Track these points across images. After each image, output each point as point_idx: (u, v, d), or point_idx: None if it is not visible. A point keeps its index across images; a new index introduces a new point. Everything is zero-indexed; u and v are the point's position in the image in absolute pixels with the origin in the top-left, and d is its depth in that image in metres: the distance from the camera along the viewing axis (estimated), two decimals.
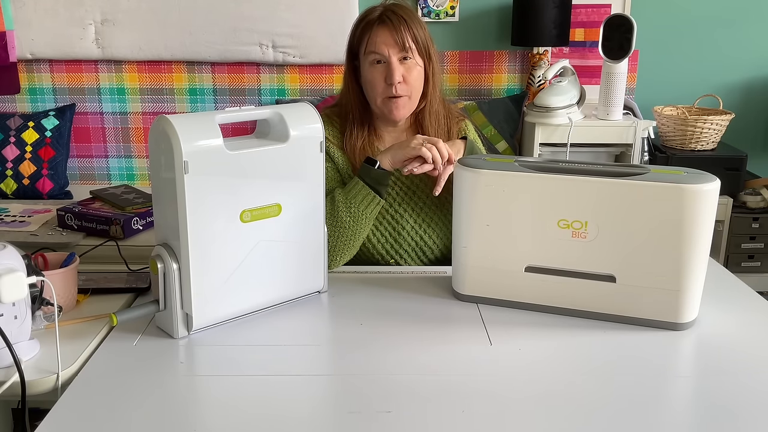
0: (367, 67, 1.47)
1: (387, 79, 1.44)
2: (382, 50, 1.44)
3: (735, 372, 1.03)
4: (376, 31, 1.44)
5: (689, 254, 1.11)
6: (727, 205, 2.66)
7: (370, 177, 1.39)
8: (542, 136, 2.66)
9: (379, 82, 1.45)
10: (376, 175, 1.39)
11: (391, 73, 1.43)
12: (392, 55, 1.44)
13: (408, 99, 1.48)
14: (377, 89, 1.46)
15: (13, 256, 1.01)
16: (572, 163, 1.18)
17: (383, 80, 1.45)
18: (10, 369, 1.01)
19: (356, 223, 1.38)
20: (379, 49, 1.44)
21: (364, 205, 1.38)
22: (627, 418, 0.92)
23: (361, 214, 1.38)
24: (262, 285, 1.20)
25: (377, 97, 1.47)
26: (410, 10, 1.49)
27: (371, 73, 1.46)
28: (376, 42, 1.44)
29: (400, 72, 1.44)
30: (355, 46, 1.50)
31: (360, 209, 1.38)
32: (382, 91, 1.46)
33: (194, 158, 1.05)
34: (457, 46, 2.92)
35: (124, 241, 1.75)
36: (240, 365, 1.05)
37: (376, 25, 1.45)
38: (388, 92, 1.45)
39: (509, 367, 1.05)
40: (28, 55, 2.84)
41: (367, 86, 1.48)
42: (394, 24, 1.44)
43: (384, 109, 1.48)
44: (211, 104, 2.96)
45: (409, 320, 1.20)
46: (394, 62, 1.44)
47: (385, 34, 1.44)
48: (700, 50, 2.95)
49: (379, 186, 1.40)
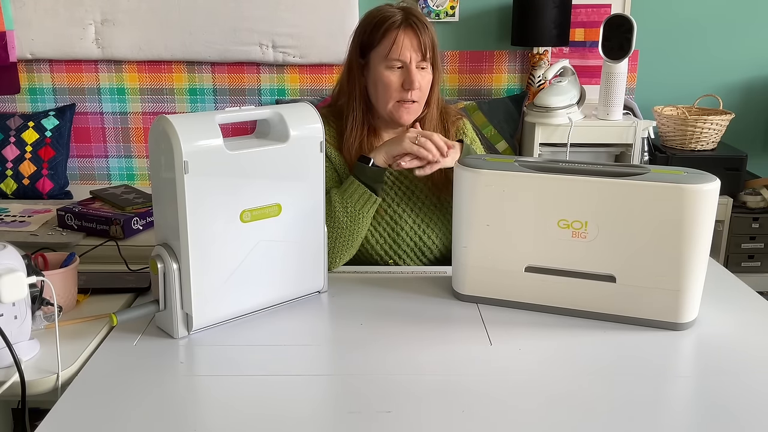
0: (381, 69, 1.45)
1: (405, 84, 1.44)
2: (405, 55, 1.43)
3: (735, 372, 1.03)
4: (402, 34, 1.43)
5: (689, 254, 1.11)
6: (727, 205, 2.66)
7: (365, 175, 1.39)
8: (542, 136, 2.66)
9: (395, 86, 1.44)
10: (371, 173, 1.39)
11: (411, 80, 1.43)
12: (413, 60, 1.44)
13: (418, 105, 1.48)
14: (391, 92, 1.45)
15: (13, 256, 1.01)
16: (572, 163, 1.18)
17: (400, 84, 1.44)
18: (10, 369, 1.01)
19: (353, 222, 1.38)
20: (403, 55, 1.43)
21: (360, 204, 1.38)
22: (627, 418, 0.92)
23: (357, 213, 1.38)
24: (262, 285, 1.20)
25: (390, 100, 1.46)
26: (424, 15, 1.50)
27: (387, 76, 1.44)
28: (401, 46, 1.43)
29: (419, 79, 1.44)
30: (368, 44, 1.48)
31: (356, 208, 1.38)
32: (397, 94, 1.45)
33: (194, 158, 1.05)
34: (457, 46, 2.92)
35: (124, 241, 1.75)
36: (240, 365, 1.05)
37: (402, 28, 1.43)
38: (404, 96, 1.45)
39: (509, 367, 1.05)
40: (28, 55, 2.84)
41: (379, 87, 1.46)
42: (420, 30, 1.43)
43: (394, 113, 1.47)
44: (211, 104, 2.96)
45: (409, 320, 1.20)
46: (413, 69, 1.44)
47: (410, 39, 1.43)
48: (700, 50, 2.95)
49: (375, 184, 1.40)
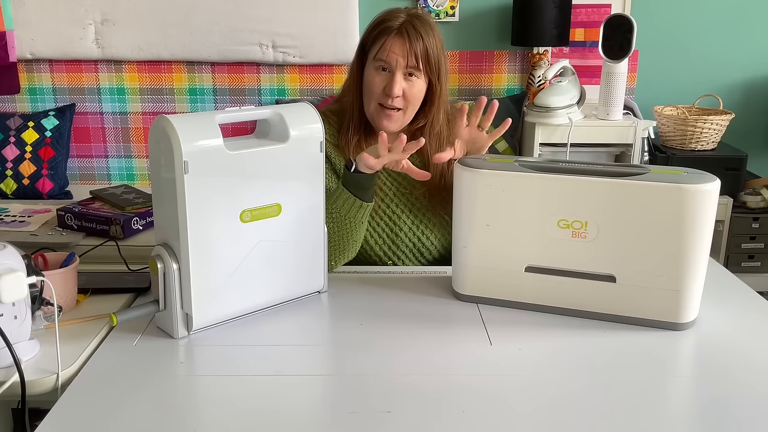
0: (371, 70, 1.46)
1: (386, 89, 1.43)
2: (391, 60, 1.42)
3: (735, 372, 1.03)
4: (391, 39, 1.42)
5: (689, 254, 1.10)
6: (727, 205, 2.66)
7: (349, 182, 1.34)
8: (542, 136, 2.66)
9: (377, 88, 1.44)
10: (354, 179, 1.34)
11: (391, 86, 1.42)
12: (399, 68, 1.42)
13: (402, 114, 1.46)
14: (373, 94, 1.45)
15: (13, 256, 1.01)
16: (572, 163, 1.18)
17: (382, 88, 1.44)
18: (10, 369, 1.01)
19: (341, 228, 1.35)
20: (389, 58, 1.42)
21: (345, 209, 1.34)
22: (627, 418, 0.92)
23: (343, 218, 1.35)
24: (262, 285, 1.20)
25: (371, 102, 1.46)
26: (431, 26, 1.46)
27: (373, 77, 1.45)
28: (388, 50, 1.42)
29: (401, 86, 1.43)
30: (367, 44, 1.48)
31: (342, 214, 1.35)
32: (377, 97, 1.45)
33: (194, 158, 1.05)
34: (457, 46, 2.92)
35: (124, 241, 1.75)
36: (240, 365, 1.05)
37: (394, 33, 1.43)
38: (384, 100, 1.44)
39: (509, 367, 1.05)
40: (28, 55, 2.84)
41: (366, 87, 1.47)
42: (411, 38, 1.42)
43: (375, 117, 1.47)
44: (211, 104, 2.96)
45: (409, 320, 1.20)
46: (398, 76, 1.42)
47: (398, 46, 1.42)
48: (700, 50, 2.95)
49: (361, 190, 1.34)
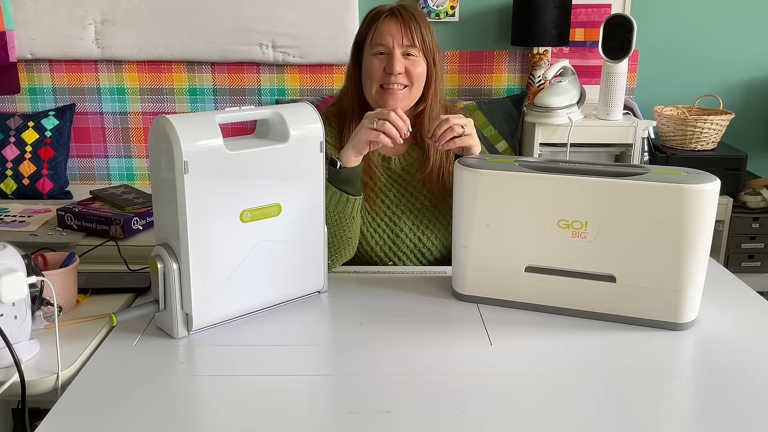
0: (369, 58, 1.45)
1: (387, 68, 1.42)
2: (387, 41, 1.42)
3: (735, 372, 1.03)
4: (383, 21, 1.43)
5: (689, 254, 1.11)
6: (727, 205, 2.66)
7: (333, 178, 1.34)
8: (542, 136, 2.66)
9: (377, 70, 1.43)
10: (337, 174, 1.34)
11: (392, 63, 1.41)
12: (396, 47, 1.42)
13: (408, 91, 1.45)
14: (374, 77, 1.44)
15: (13, 256, 1.01)
16: (572, 163, 1.18)
17: (382, 69, 1.43)
18: (10, 369, 1.01)
19: (333, 225, 1.35)
20: (385, 40, 1.42)
21: (333, 205, 1.34)
22: (627, 418, 0.92)
23: (332, 214, 1.34)
24: (262, 285, 1.20)
25: (373, 86, 1.44)
26: (421, 13, 1.48)
27: (371, 62, 1.44)
28: (383, 32, 1.42)
29: (402, 64, 1.42)
30: (360, 38, 1.49)
31: (330, 210, 1.34)
32: (379, 79, 1.43)
33: (194, 158, 1.05)
34: (457, 46, 2.92)
35: (124, 241, 1.75)
36: (240, 365, 1.05)
37: (385, 17, 1.44)
38: (386, 80, 1.43)
39: (509, 367, 1.05)
40: (28, 55, 2.84)
41: (365, 76, 1.46)
42: (404, 18, 1.43)
43: (380, 99, 1.45)
44: (211, 104, 2.96)
45: (409, 320, 1.20)
46: (396, 53, 1.42)
47: (392, 26, 1.42)
48: (700, 50, 2.95)
49: (346, 184, 1.35)
